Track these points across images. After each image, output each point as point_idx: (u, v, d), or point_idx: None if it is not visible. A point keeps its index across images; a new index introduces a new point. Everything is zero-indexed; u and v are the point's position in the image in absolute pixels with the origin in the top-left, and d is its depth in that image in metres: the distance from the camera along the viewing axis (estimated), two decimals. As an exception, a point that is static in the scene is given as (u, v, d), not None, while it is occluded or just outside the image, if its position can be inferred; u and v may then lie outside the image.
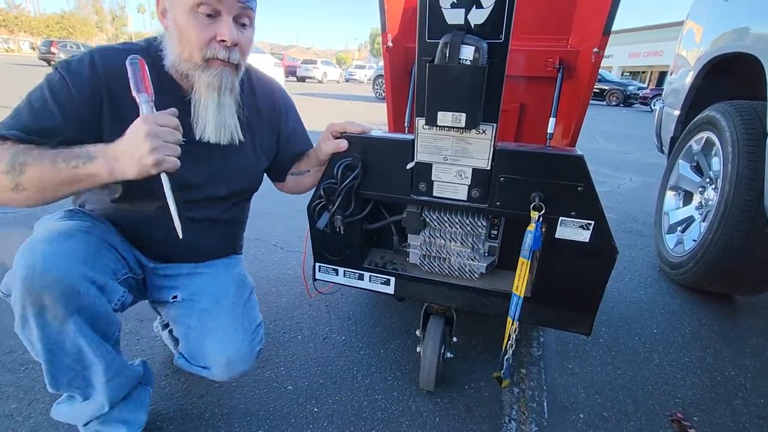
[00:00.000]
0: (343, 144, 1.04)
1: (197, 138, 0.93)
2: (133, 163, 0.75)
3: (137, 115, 0.77)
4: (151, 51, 0.91)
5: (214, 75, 0.88)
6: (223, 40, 0.85)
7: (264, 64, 9.71)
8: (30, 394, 1.16)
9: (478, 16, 0.82)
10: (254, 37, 0.95)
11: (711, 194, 1.94)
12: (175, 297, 1.07)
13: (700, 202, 2.06)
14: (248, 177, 1.11)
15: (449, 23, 0.84)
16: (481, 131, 0.93)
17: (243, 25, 0.89)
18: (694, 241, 1.88)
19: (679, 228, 2.17)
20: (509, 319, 1.01)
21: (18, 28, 71.13)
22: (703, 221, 1.94)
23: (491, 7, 0.80)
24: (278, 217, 2.58)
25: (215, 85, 0.89)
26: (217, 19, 0.85)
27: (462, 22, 0.83)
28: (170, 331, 1.27)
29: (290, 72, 22.85)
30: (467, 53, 0.82)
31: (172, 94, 0.92)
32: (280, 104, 1.16)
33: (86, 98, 0.84)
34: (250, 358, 1.03)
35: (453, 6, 0.82)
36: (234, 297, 1.06)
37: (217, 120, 0.92)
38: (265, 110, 1.11)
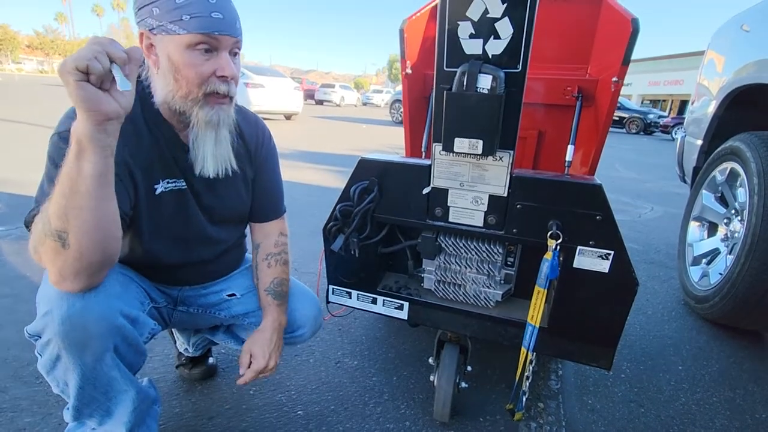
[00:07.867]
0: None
1: (197, 173, 0.93)
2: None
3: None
4: (138, 90, 0.85)
5: (212, 112, 0.87)
6: (224, 76, 0.85)
7: (284, 87, 9.91)
8: (44, 408, 1.17)
9: (495, 47, 0.83)
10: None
11: (737, 226, 1.88)
12: (232, 294, 1.13)
13: (726, 234, 1.99)
14: (244, 206, 1.10)
15: (467, 53, 0.85)
16: (498, 158, 0.93)
17: (234, 54, 0.89)
18: (720, 274, 1.81)
19: (703, 260, 2.10)
20: (523, 350, 0.98)
21: (53, 51, 75.51)
22: (729, 254, 1.87)
23: (509, 39, 0.82)
24: (294, 238, 2.58)
25: (214, 122, 0.88)
26: (214, 54, 0.83)
27: (480, 52, 0.84)
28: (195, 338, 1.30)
29: (309, 95, 23.54)
30: (485, 82, 0.83)
31: (167, 132, 0.91)
32: (261, 142, 1.10)
33: None
34: (322, 313, 1.21)
35: (471, 37, 0.84)
36: None
37: (214, 153, 0.91)
38: (248, 143, 1.07)
